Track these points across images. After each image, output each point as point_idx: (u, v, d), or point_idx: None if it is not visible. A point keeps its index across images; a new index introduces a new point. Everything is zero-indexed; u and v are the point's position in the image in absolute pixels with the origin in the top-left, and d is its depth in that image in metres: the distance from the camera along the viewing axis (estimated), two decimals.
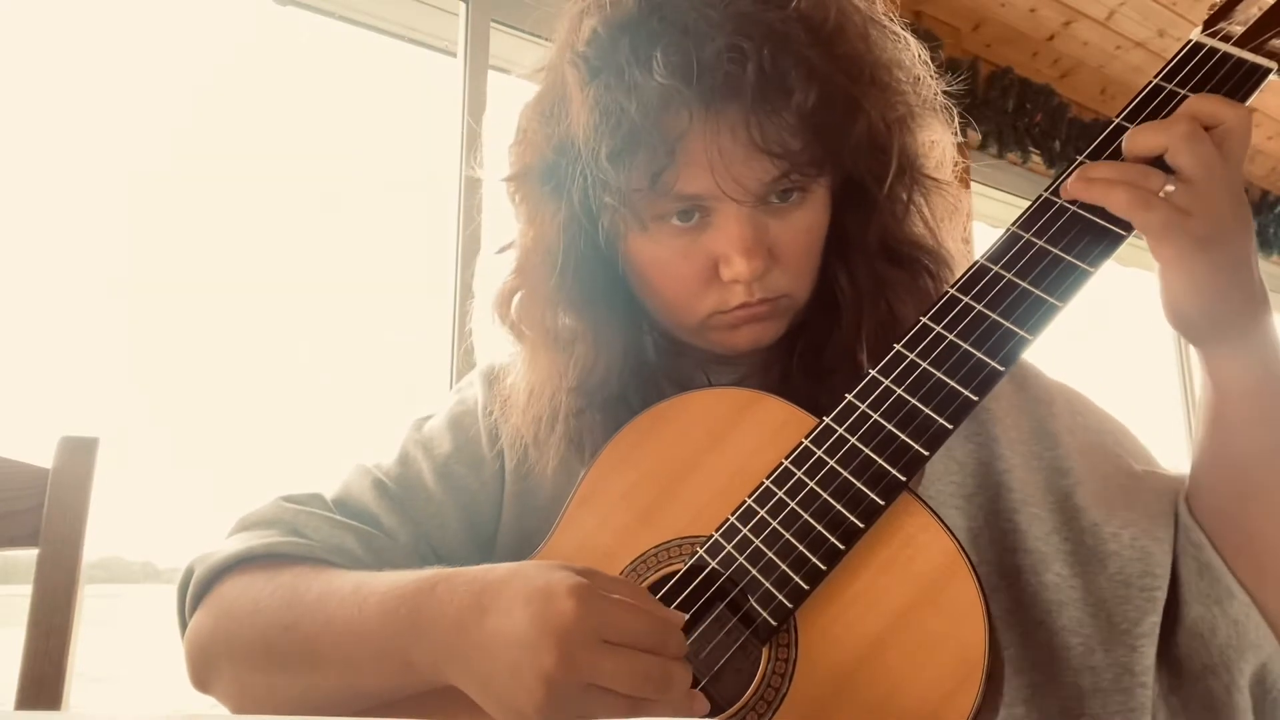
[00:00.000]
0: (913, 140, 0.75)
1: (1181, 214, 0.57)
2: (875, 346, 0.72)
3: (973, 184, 2.65)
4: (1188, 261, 0.59)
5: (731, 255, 0.68)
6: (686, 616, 0.59)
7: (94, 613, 0.89)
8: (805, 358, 0.77)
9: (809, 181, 0.70)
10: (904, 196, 0.75)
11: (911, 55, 0.75)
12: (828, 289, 0.76)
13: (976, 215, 2.83)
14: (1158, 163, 0.60)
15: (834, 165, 0.71)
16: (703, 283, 0.71)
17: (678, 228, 0.70)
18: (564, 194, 0.71)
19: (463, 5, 2.00)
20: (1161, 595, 0.67)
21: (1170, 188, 0.58)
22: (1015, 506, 0.73)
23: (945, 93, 0.77)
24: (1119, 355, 3.54)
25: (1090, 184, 0.61)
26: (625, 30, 0.67)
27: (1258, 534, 0.65)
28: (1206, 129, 0.59)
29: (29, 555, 0.82)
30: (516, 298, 0.77)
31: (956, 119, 0.78)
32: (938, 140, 0.77)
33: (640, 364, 0.77)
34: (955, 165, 0.79)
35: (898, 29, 0.75)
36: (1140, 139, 0.60)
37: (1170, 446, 3.32)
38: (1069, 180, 0.62)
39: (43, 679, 0.78)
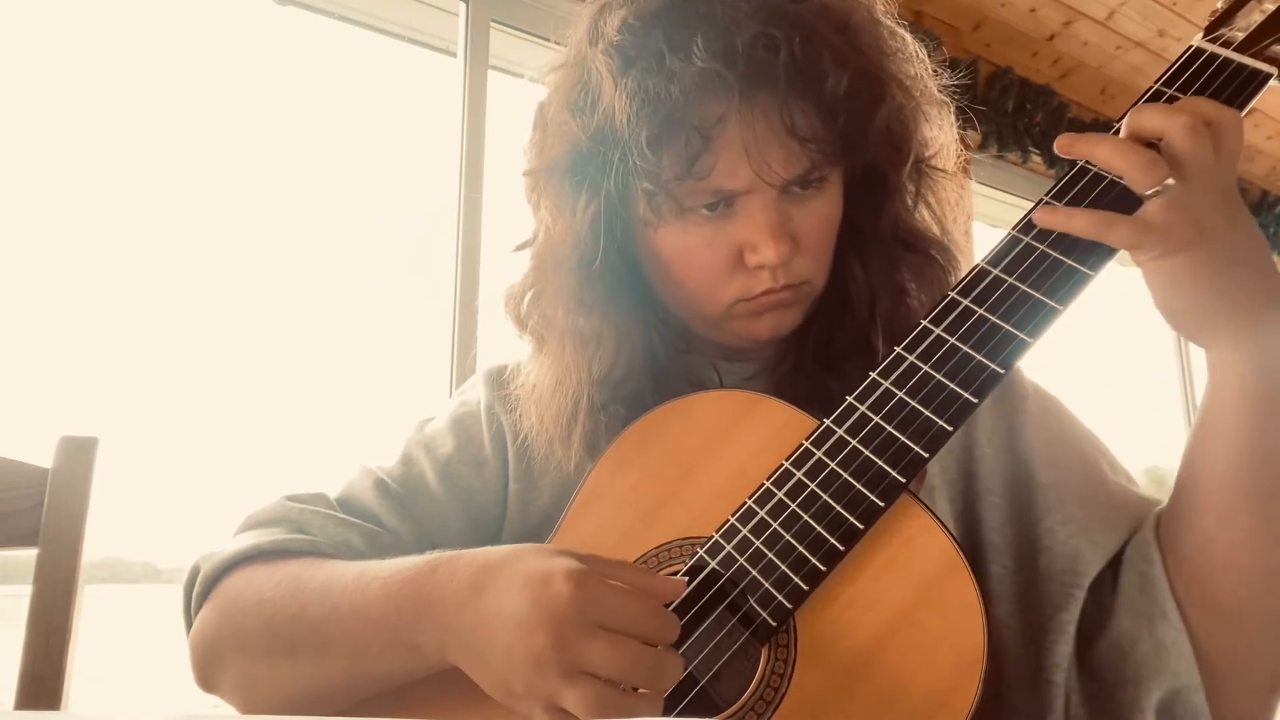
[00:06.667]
0: (920, 132, 0.76)
1: (1145, 224, 0.58)
2: (890, 330, 0.73)
3: (972, 184, 2.65)
4: (1166, 262, 0.59)
5: (759, 241, 0.69)
6: (682, 622, 0.59)
7: (94, 613, 0.88)
8: (817, 348, 0.78)
9: (831, 170, 0.71)
10: (912, 188, 0.77)
11: (912, 53, 0.76)
12: (838, 281, 0.77)
13: (976, 215, 2.83)
14: (1120, 200, 0.60)
15: (855, 154, 0.72)
16: (728, 270, 0.71)
17: (703, 216, 0.70)
18: (595, 185, 0.71)
19: (463, 5, 2.00)
20: (1079, 594, 0.68)
21: (1170, 181, 0.58)
22: (979, 494, 0.75)
23: (949, 87, 0.78)
24: (1119, 355, 3.54)
25: (1054, 213, 0.61)
26: (658, 20, 0.69)
27: (1210, 554, 0.63)
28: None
29: (29, 555, 0.82)
30: (530, 295, 0.77)
31: (953, 112, 0.79)
32: (939, 134, 0.78)
33: (653, 361, 0.78)
34: (958, 157, 0.80)
35: (896, 28, 0.76)
36: (1142, 119, 0.60)
37: (1169, 447, 3.32)
38: (1035, 212, 0.62)
39: (42, 679, 0.78)
